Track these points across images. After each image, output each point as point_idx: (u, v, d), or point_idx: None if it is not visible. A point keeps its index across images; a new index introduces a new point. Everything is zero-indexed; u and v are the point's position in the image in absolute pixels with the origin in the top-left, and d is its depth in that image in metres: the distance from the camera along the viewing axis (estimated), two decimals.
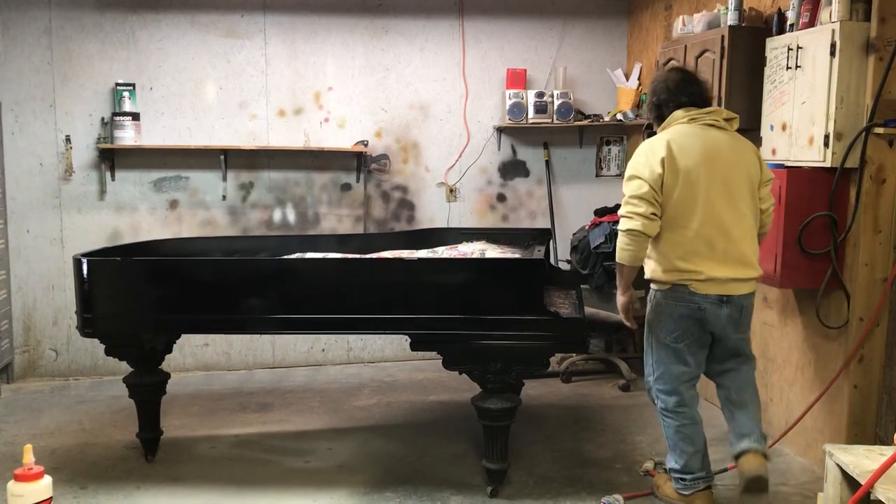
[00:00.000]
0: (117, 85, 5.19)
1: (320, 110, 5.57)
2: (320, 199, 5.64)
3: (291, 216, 5.62)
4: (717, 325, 3.15)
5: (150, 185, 5.40)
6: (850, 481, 2.46)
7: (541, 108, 5.60)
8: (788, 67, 3.65)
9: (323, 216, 5.66)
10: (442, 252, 4.22)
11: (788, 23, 3.74)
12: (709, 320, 3.13)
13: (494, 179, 5.87)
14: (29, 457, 2.83)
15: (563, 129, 5.79)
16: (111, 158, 5.28)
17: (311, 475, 3.77)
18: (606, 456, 3.96)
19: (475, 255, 4.04)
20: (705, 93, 3.24)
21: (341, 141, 5.59)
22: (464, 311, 3.36)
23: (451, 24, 5.69)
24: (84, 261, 3.61)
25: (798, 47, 3.59)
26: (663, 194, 3.07)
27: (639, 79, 5.60)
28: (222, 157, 5.39)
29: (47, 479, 2.86)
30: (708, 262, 3.08)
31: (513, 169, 5.89)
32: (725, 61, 4.02)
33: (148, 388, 3.87)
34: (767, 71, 3.85)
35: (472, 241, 4.51)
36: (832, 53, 3.37)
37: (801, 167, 3.61)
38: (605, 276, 5.01)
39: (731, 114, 3.26)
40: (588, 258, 5.11)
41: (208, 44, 5.37)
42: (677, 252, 3.10)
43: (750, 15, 4.10)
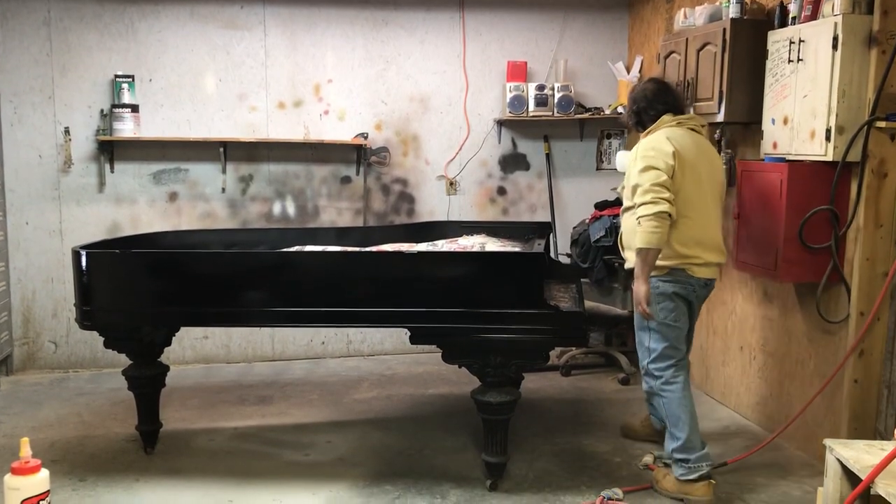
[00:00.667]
0: (116, 76, 5.17)
1: (320, 102, 5.55)
2: (320, 191, 5.63)
3: (291, 209, 5.61)
4: (697, 304, 3.56)
5: (150, 178, 5.38)
6: (850, 476, 2.46)
7: (541, 101, 5.58)
8: (790, 61, 3.64)
9: (322, 209, 5.65)
10: (442, 245, 4.21)
11: (790, 16, 3.73)
12: (694, 301, 3.51)
13: (495, 173, 5.86)
14: (26, 450, 2.83)
15: (563, 122, 5.77)
16: (110, 150, 5.27)
17: (310, 468, 3.77)
18: (606, 449, 3.97)
19: (475, 249, 4.03)
20: (679, 101, 3.60)
21: (341, 133, 5.57)
22: (464, 305, 3.36)
23: (451, 17, 5.66)
24: (83, 253, 3.60)
25: (800, 40, 3.57)
26: (674, 185, 3.32)
27: (640, 72, 5.58)
28: (222, 150, 5.38)
29: (44, 473, 2.86)
30: (702, 249, 3.41)
31: (513, 162, 5.87)
32: (727, 54, 4.00)
33: (147, 381, 3.87)
34: (769, 64, 3.83)
35: (472, 235, 4.51)
36: (834, 47, 3.35)
37: (802, 161, 3.60)
38: (606, 269, 5.01)
39: (703, 120, 3.71)
40: (588, 252, 5.10)
41: (208, 35, 5.35)
42: (680, 239, 3.37)
43: (752, 7, 4.08)
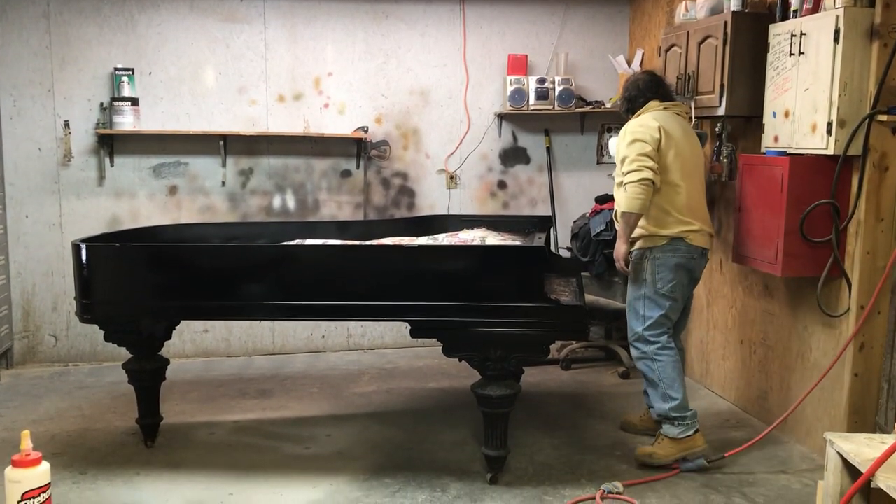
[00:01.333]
0: (116, 70, 5.16)
1: (320, 96, 5.54)
2: (320, 185, 5.62)
3: (291, 202, 5.61)
4: (697, 273, 3.73)
5: (150, 171, 5.38)
6: (850, 470, 2.45)
7: (542, 95, 5.56)
8: (791, 54, 3.63)
9: (323, 202, 5.64)
10: (442, 239, 4.20)
11: (792, 9, 3.72)
12: (695, 269, 3.69)
13: (495, 166, 5.85)
14: (26, 443, 2.83)
15: (564, 115, 5.76)
16: (110, 144, 5.26)
17: (310, 461, 3.78)
18: (606, 443, 3.97)
19: (475, 243, 4.03)
20: (669, 94, 3.83)
21: (341, 127, 5.56)
22: (464, 298, 3.36)
23: (451, 10, 5.64)
24: (83, 246, 3.60)
25: (801, 33, 3.56)
26: (660, 157, 3.53)
27: (641, 65, 5.56)
28: (221, 143, 5.37)
29: (45, 465, 2.86)
30: (696, 218, 3.63)
31: (513, 156, 5.86)
32: (728, 47, 3.99)
33: (147, 374, 3.88)
34: (770, 57, 3.82)
35: (472, 229, 4.49)
36: (836, 40, 3.34)
37: (803, 154, 3.59)
38: (606, 263, 5.00)
39: (687, 108, 4.05)
40: (588, 246, 5.10)
41: (207, 28, 5.33)
42: (675, 207, 3.58)
43: (753, 1, 4.07)
